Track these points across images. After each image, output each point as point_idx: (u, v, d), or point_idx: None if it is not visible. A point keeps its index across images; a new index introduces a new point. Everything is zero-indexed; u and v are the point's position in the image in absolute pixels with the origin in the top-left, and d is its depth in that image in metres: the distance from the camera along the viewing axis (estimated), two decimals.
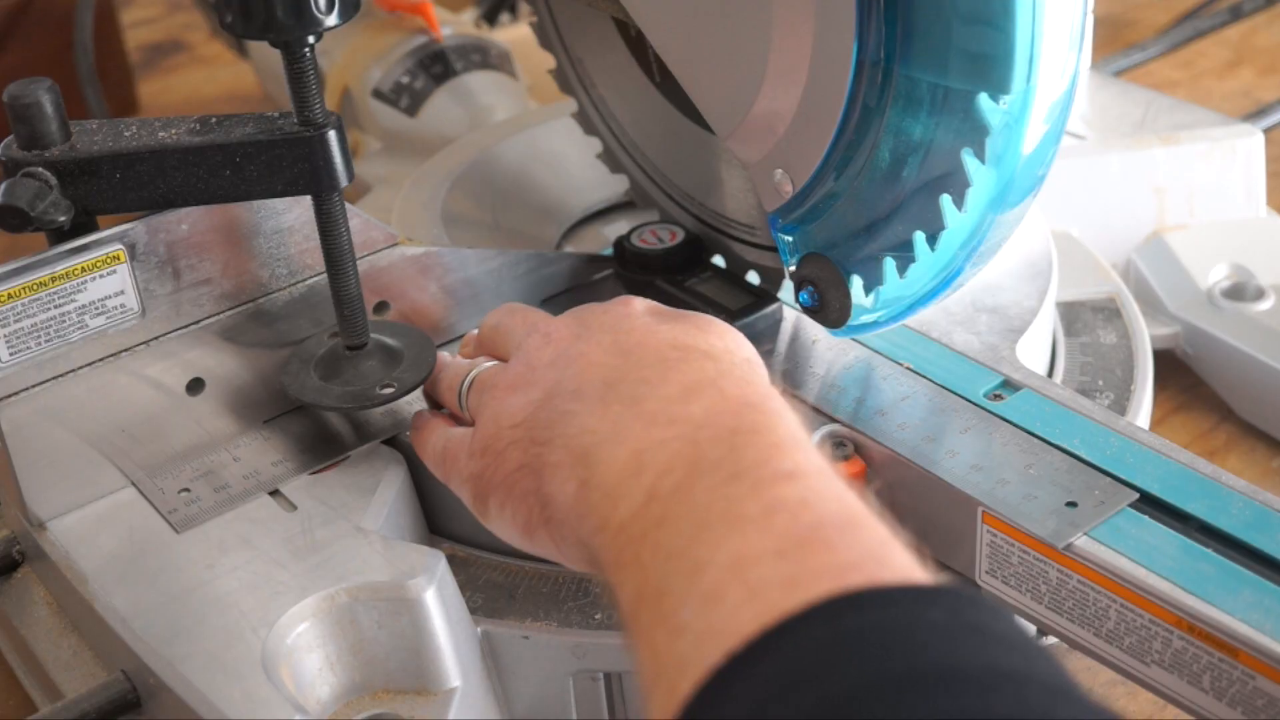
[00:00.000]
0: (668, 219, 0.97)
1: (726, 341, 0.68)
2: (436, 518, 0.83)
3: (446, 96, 1.23)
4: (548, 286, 0.94)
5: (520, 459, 0.67)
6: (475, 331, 0.84)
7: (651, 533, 0.56)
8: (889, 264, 0.76)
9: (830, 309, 0.80)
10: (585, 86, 0.99)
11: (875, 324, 0.81)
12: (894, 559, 0.52)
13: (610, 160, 1.01)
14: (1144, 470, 0.75)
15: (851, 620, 0.48)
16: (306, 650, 0.71)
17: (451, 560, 0.77)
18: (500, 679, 0.77)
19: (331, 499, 0.79)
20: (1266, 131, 1.14)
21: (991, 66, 0.69)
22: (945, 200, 0.72)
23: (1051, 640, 0.78)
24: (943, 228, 0.73)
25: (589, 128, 1.01)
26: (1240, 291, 1.04)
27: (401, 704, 0.72)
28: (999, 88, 0.69)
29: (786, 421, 0.61)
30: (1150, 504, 0.74)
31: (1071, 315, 0.99)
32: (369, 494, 0.79)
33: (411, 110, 1.23)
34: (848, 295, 0.79)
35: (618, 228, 1.07)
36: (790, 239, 0.81)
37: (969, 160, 0.71)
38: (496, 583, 0.79)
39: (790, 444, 0.59)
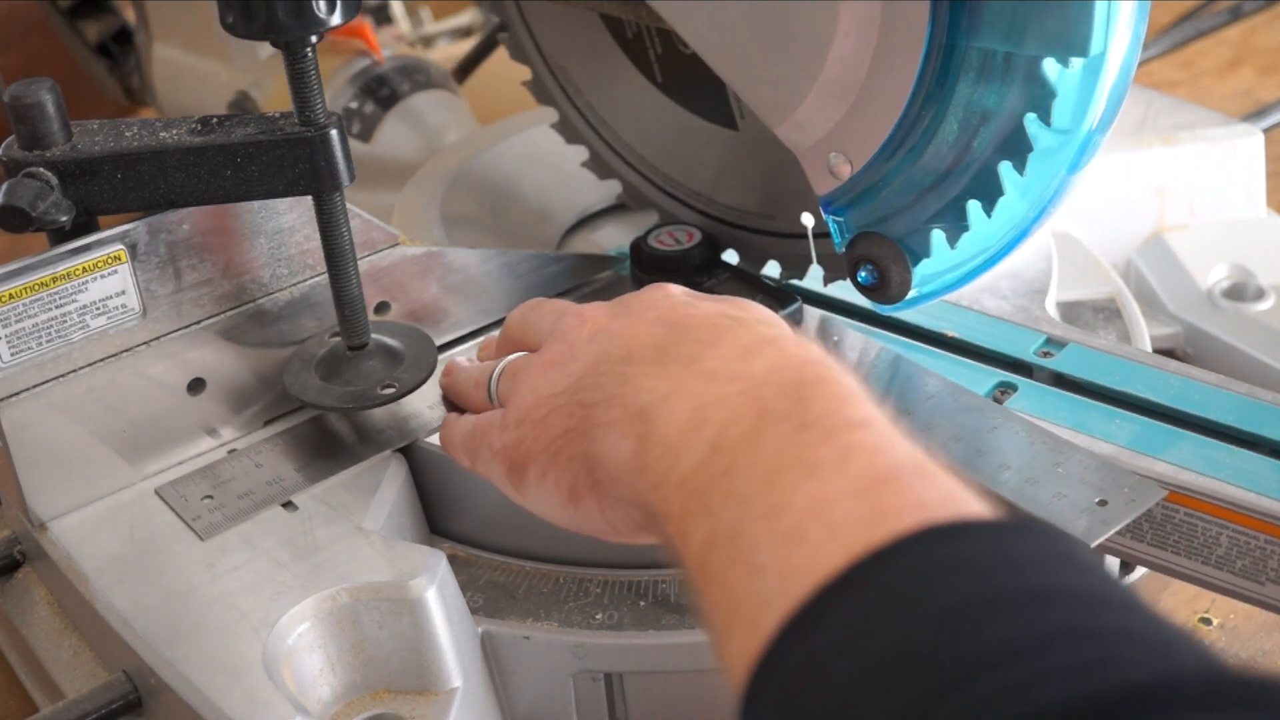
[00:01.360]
0: (668, 219, 0.97)
1: (772, 316, 0.68)
2: (437, 518, 0.83)
3: (397, 120, 1.21)
4: (549, 286, 0.94)
5: (565, 424, 0.66)
6: (495, 335, 0.84)
7: (720, 481, 0.55)
8: (936, 235, 0.77)
9: (892, 284, 0.80)
10: (569, 95, 0.99)
11: (932, 293, 0.82)
12: (972, 501, 0.52)
13: (599, 167, 1.00)
14: (1210, 404, 0.79)
15: (946, 549, 0.48)
16: (307, 650, 0.71)
17: (452, 560, 0.77)
18: (501, 679, 0.77)
19: (332, 499, 0.79)
20: (1266, 131, 1.14)
21: (1072, 30, 0.69)
22: (1005, 167, 0.73)
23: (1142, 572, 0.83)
24: (1001, 194, 0.74)
25: (572, 136, 1.00)
26: (1240, 291, 1.04)
27: (402, 704, 0.72)
28: (1079, 51, 0.69)
29: (849, 377, 0.61)
30: (1221, 435, 0.77)
31: (1072, 315, 0.99)
32: (370, 494, 0.79)
33: (364, 136, 1.21)
34: (908, 268, 0.79)
35: (618, 228, 1.07)
36: (841, 220, 0.81)
37: (1033, 125, 0.72)
38: (497, 583, 0.79)
39: (857, 396, 0.59)
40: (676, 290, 0.71)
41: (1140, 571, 0.84)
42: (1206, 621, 0.85)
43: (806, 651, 0.47)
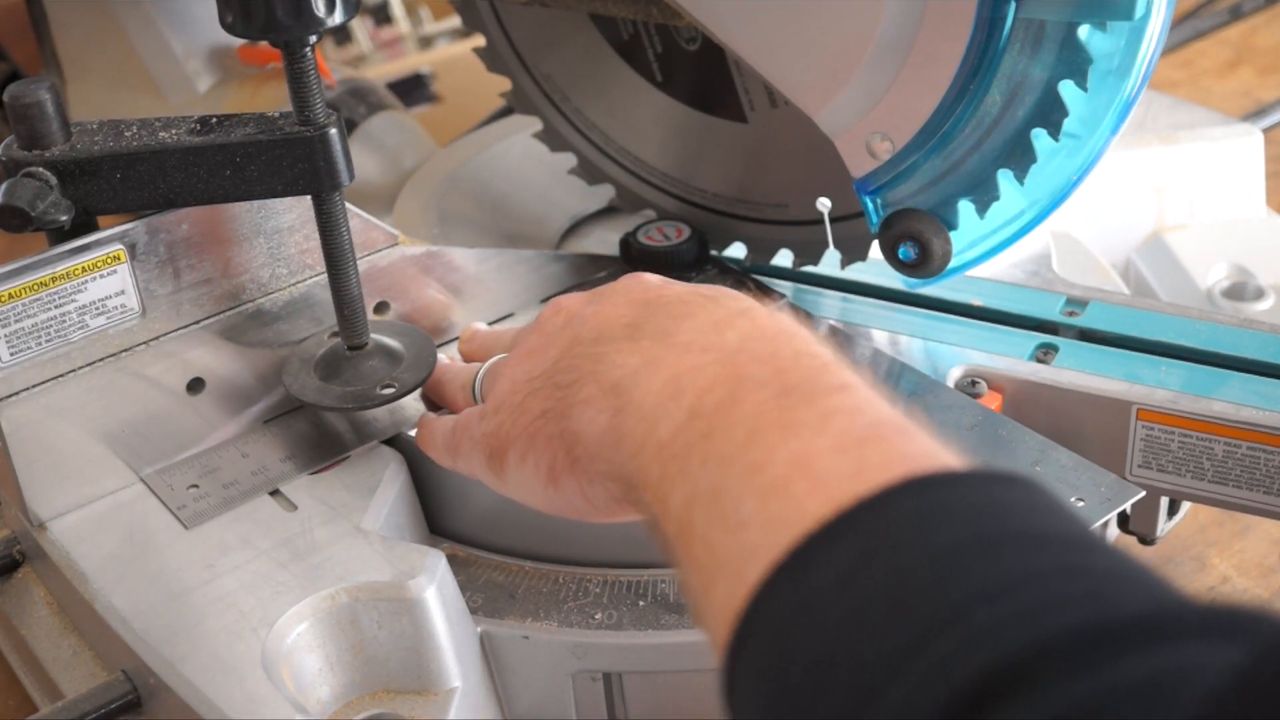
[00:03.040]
0: (665, 216, 0.97)
1: (743, 295, 0.68)
2: (437, 517, 0.83)
3: (359, 147, 1.19)
4: (548, 286, 0.94)
5: (542, 406, 0.66)
6: (476, 324, 0.85)
7: (699, 445, 0.55)
8: (964, 206, 0.78)
9: (934, 257, 0.81)
10: (554, 101, 0.98)
11: (965, 265, 0.83)
12: (954, 457, 0.52)
13: (589, 172, 1.00)
14: (1241, 344, 0.83)
15: (933, 495, 0.48)
16: (307, 650, 0.71)
17: (452, 560, 0.77)
18: (500, 679, 0.77)
19: (332, 499, 0.79)
20: (1266, 131, 1.14)
21: None
22: (1038, 134, 0.75)
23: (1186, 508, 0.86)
24: (1034, 161, 0.76)
25: (558, 144, 1.00)
26: (1240, 291, 1.04)
27: (401, 704, 0.72)
28: (1124, 15, 0.71)
29: (824, 345, 0.61)
30: (1261, 371, 0.81)
31: None
32: (369, 494, 0.79)
33: None
34: (949, 239, 0.80)
35: (617, 228, 1.07)
36: (877, 200, 0.81)
37: (1069, 91, 0.73)
38: (497, 583, 0.79)
39: (834, 363, 0.58)
40: (650, 277, 0.72)
41: (1185, 508, 0.87)
42: None
43: (796, 595, 0.47)
